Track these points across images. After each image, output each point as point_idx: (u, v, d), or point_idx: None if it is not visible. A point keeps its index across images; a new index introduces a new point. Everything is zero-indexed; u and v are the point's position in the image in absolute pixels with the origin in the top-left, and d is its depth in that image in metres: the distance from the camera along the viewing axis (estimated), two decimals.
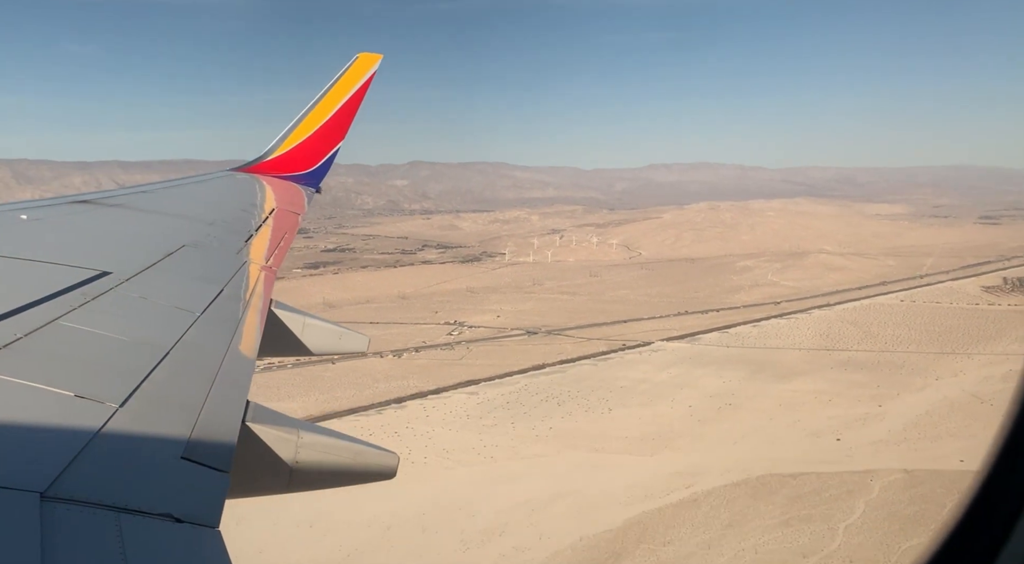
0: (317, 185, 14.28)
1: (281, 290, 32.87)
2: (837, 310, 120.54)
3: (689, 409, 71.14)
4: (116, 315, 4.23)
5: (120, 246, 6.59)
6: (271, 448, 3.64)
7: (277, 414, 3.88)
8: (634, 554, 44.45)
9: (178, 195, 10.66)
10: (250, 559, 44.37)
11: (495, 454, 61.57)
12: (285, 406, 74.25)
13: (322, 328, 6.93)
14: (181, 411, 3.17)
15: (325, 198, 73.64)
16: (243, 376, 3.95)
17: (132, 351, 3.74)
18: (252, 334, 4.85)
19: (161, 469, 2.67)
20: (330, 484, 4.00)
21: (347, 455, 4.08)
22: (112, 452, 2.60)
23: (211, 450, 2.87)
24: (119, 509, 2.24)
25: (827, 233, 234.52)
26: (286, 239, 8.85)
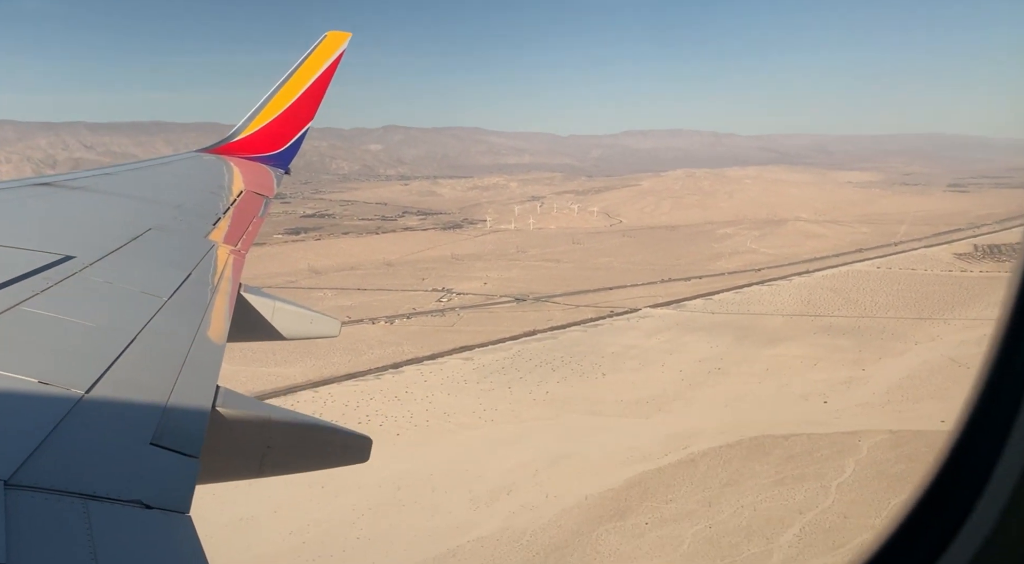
0: (286, 166, 14.11)
1: (265, 256, 34.86)
2: (816, 277, 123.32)
3: (680, 374, 73.11)
4: (81, 300, 4.16)
5: (84, 230, 6.45)
6: (242, 433, 3.63)
7: (248, 399, 3.86)
8: (638, 511, 46.33)
9: (143, 177, 10.43)
10: (267, 517, 45.53)
11: (495, 417, 63.02)
12: (282, 372, 75.03)
13: (293, 312, 6.89)
14: (149, 397, 3.14)
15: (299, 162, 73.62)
16: (212, 361, 3.90)
17: (98, 337, 3.68)
18: (221, 319, 4.80)
19: (129, 455, 2.64)
20: (302, 468, 4.01)
21: (319, 439, 4.10)
22: (78, 439, 2.57)
23: (180, 436, 2.85)
24: (87, 496, 2.22)
25: (803, 200, 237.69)
26: (255, 222, 8.76)
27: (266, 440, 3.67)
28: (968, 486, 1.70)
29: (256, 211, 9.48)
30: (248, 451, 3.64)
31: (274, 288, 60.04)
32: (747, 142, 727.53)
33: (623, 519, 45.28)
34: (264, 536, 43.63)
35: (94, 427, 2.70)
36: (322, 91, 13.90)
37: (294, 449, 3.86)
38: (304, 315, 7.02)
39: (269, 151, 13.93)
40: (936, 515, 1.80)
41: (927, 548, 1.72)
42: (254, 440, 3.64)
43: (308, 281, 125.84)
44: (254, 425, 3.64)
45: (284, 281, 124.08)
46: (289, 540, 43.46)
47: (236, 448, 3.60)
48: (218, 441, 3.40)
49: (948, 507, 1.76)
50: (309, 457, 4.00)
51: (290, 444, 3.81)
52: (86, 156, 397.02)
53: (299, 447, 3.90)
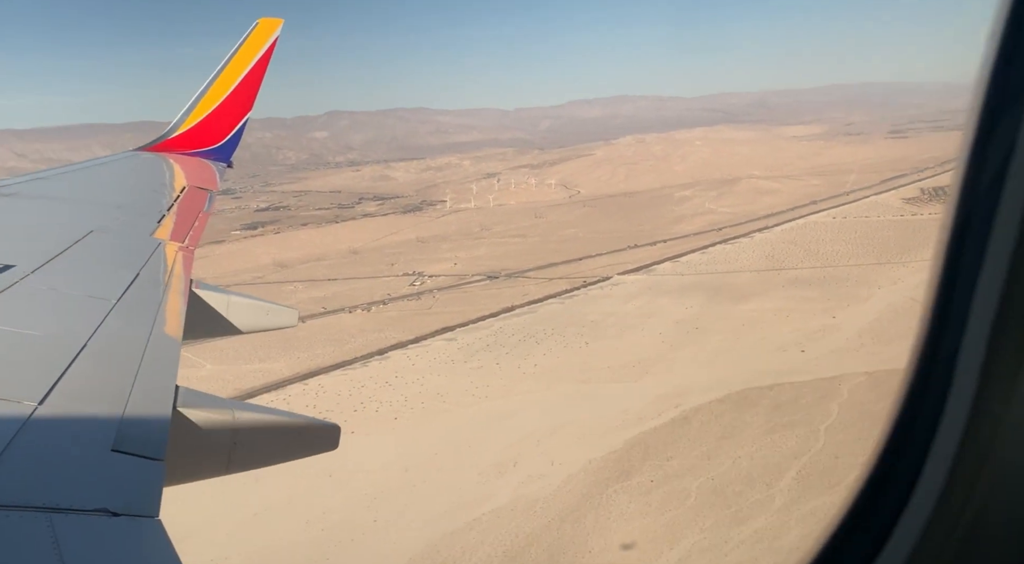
0: (228, 159, 13.90)
1: (226, 254, 35.86)
2: (776, 232, 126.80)
3: (660, 336, 75.15)
4: (24, 310, 4.03)
5: (21, 237, 6.21)
6: (206, 431, 3.57)
7: (209, 396, 3.81)
8: (641, 470, 48.15)
9: (80, 179, 10.10)
10: (281, 510, 46.08)
11: (488, 394, 64.16)
12: (268, 367, 74.86)
13: (248, 305, 6.79)
14: (106, 403, 3.05)
15: (245, 155, 74.43)
16: (170, 361, 3.82)
17: (46, 346, 3.58)
18: (175, 317, 4.69)
19: (91, 464, 2.58)
20: (271, 461, 4.01)
21: (285, 430, 4.08)
22: (35, 452, 2.51)
23: (143, 439, 2.80)
24: (49, 509, 2.17)
25: (753, 158, 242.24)
26: (201, 217, 8.64)
27: (232, 436, 3.63)
28: (902, 479, 1.76)
29: (201, 206, 9.37)
30: (214, 449, 3.60)
31: (241, 285, 60.97)
32: (692, 104, 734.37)
33: (628, 479, 47.04)
34: (282, 528, 44.22)
35: (51, 439, 2.63)
36: (258, 80, 13.73)
37: (261, 443, 3.82)
38: (260, 307, 6.98)
39: (209, 145, 13.71)
40: (873, 511, 1.85)
41: (866, 545, 1.80)
42: (220, 437, 3.60)
43: (275, 275, 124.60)
44: (218, 422, 3.60)
45: (251, 277, 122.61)
46: (308, 530, 44.11)
47: (202, 447, 3.56)
48: (182, 441, 3.36)
49: (884, 502, 1.81)
50: (277, 449, 3.97)
51: (257, 438, 3.77)
52: (20, 165, 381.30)
53: (266, 440, 3.85)
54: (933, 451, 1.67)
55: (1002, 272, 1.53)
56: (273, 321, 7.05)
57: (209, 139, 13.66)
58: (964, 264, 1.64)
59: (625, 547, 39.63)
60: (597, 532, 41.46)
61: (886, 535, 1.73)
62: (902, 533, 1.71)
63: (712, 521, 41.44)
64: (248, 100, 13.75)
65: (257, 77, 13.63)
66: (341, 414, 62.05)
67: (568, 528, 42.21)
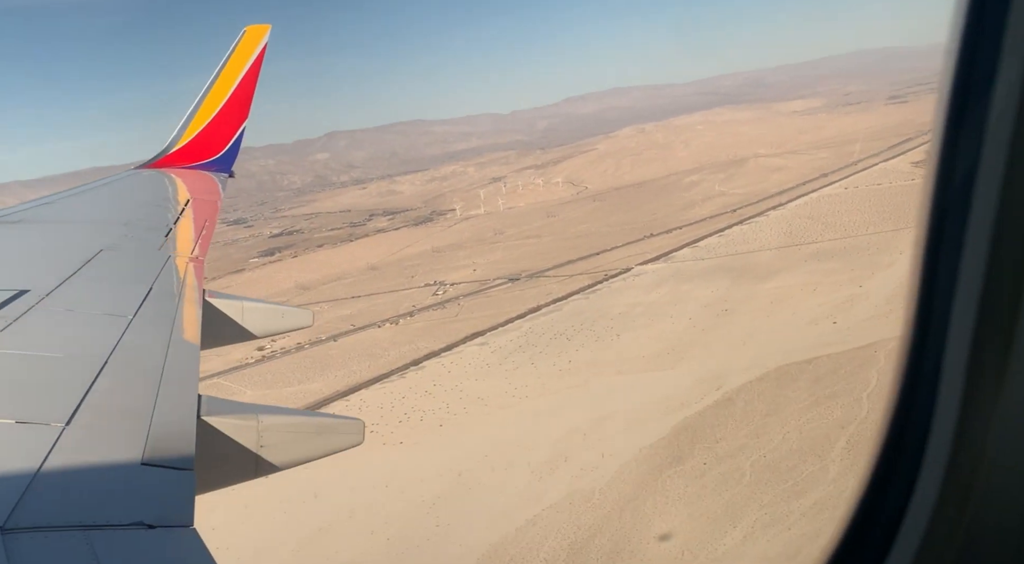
0: (229, 169, 13.94)
1: (248, 281, 37.23)
2: (790, 208, 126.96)
3: (690, 321, 75.68)
4: (44, 332, 4.09)
5: (33, 261, 6.34)
6: (232, 438, 3.62)
7: (232, 403, 3.88)
8: (692, 454, 48.76)
9: (84, 201, 10.22)
10: (344, 523, 47.09)
11: (528, 393, 64.94)
12: (308, 388, 76.01)
13: (262, 309, 6.84)
14: (132, 418, 3.10)
15: (251, 183, 76.02)
16: (190, 371, 3.88)
17: (69, 366, 3.62)
18: (191, 327, 4.76)
19: (123, 479, 2.63)
20: (298, 461, 4.03)
21: (310, 430, 4.16)
22: (68, 472, 2.55)
23: (171, 451, 2.85)
24: (87, 527, 2.20)
25: (756, 137, 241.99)
26: (207, 228, 8.65)
27: (258, 440, 3.70)
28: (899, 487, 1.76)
29: (206, 217, 9.40)
30: (242, 453, 3.66)
31: None
32: (686, 89, 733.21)
33: (681, 464, 47.67)
34: (349, 540, 45.17)
35: (82, 458, 2.67)
36: (251, 87, 13.71)
37: (287, 443, 3.88)
38: (275, 310, 7.07)
39: (209, 157, 13.76)
40: (873, 521, 1.85)
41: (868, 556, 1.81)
42: (245, 442, 3.66)
43: (299, 298, 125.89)
44: (243, 428, 3.67)
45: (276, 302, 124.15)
46: (373, 540, 45.03)
47: (229, 453, 3.62)
48: (210, 449, 3.41)
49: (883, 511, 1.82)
50: (303, 448, 4.01)
51: (282, 439, 3.83)
52: None
53: (291, 441, 3.91)
54: (927, 456, 1.69)
55: (980, 267, 1.53)
56: (288, 323, 7.07)
57: (208, 150, 13.74)
58: (942, 263, 1.65)
59: (688, 529, 40.27)
60: (658, 517, 42.12)
61: (887, 546, 1.76)
62: (903, 543, 1.73)
63: (770, 497, 42.00)
64: (243, 108, 13.79)
65: (250, 84, 13.66)
66: (387, 426, 63.08)
67: (628, 516, 42.90)
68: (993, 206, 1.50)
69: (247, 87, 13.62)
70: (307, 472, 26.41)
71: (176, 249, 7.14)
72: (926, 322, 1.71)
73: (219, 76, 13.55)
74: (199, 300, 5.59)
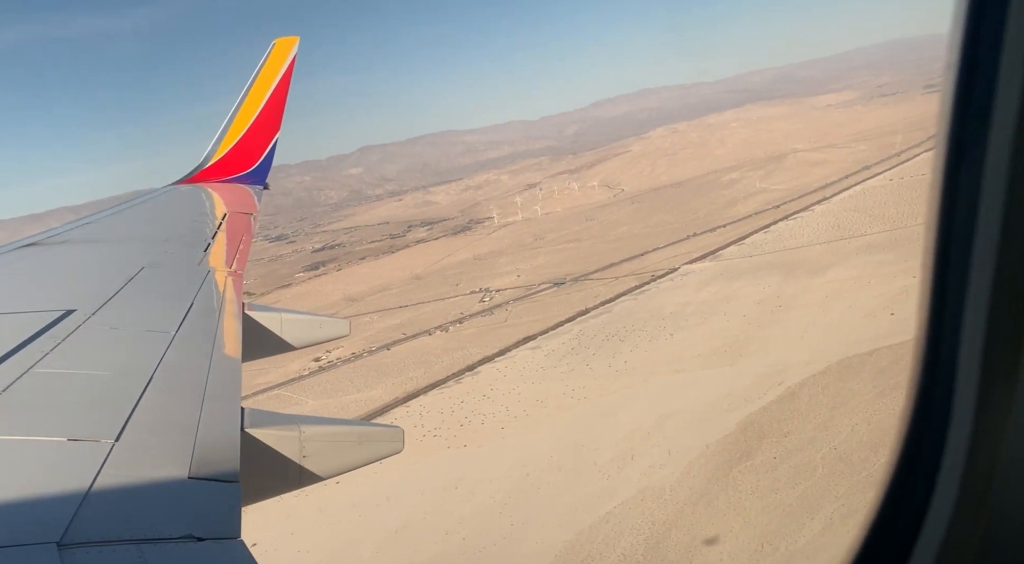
0: (263, 180, 14.04)
1: (297, 296, 38.79)
2: (835, 202, 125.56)
3: (744, 318, 75.46)
4: (91, 351, 4.18)
5: (78, 281, 6.48)
6: (275, 449, 3.70)
7: (274, 415, 3.93)
8: (761, 449, 48.80)
9: (124, 219, 10.38)
10: (418, 525, 48.14)
11: (586, 395, 65.44)
12: (367, 395, 77.50)
13: (300, 321, 6.93)
14: (179, 432, 3.16)
15: (288, 200, 77.96)
16: (233, 384, 3.93)
17: (115, 383, 3.70)
18: (232, 341, 4.83)
19: (172, 493, 2.70)
20: (341, 469, 4.10)
21: (352, 439, 4.21)
22: (119, 487, 2.62)
23: (217, 464, 2.92)
24: (139, 541, 2.27)
25: (792, 132, 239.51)
26: (245, 241, 8.75)
27: (300, 450, 3.77)
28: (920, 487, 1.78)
29: (243, 230, 9.53)
30: (285, 464, 3.74)
31: None
32: (715, 88, 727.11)
33: (750, 459, 47.75)
34: (425, 541, 46.16)
35: (131, 473, 2.75)
36: (283, 100, 13.80)
37: (329, 453, 3.94)
38: (312, 321, 7.18)
39: (243, 170, 13.87)
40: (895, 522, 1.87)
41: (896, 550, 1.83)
42: (288, 452, 3.74)
43: (348, 310, 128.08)
44: (285, 439, 3.75)
45: (326, 314, 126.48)
46: (449, 540, 45.94)
47: (273, 464, 3.71)
48: (254, 461, 3.50)
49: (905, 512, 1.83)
50: (345, 458, 4.08)
51: (324, 449, 3.90)
52: None
53: (334, 450, 3.98)
54: (945, 458, 1.70)
55: (990, 269, 1.54)
56: (326, 333, 7.16)
57: (242, 164, 13.85)
58: (952, 266, 1.66)
59: (764, 522, 40.39)
60: (732, 511, 42.30)
61: (909, 547, 1.77)
62: (924, 544, 1.75)
63: (845, 488, 41.90)
64: (275, 120, 13.90)
65: (281, 96, 13.76)
66: (449, 430, 64.14)
67: (702, 510, 43.16)
68: (1000, 207, 1.51)
69: (278, 99, 13.76)
70: (375, 476, 28.50)
71: (215, 263, 7.26)
72: (939, 326, 1.74)
73: (250, 89, 13.74)
74: (239, 313, 5.66)
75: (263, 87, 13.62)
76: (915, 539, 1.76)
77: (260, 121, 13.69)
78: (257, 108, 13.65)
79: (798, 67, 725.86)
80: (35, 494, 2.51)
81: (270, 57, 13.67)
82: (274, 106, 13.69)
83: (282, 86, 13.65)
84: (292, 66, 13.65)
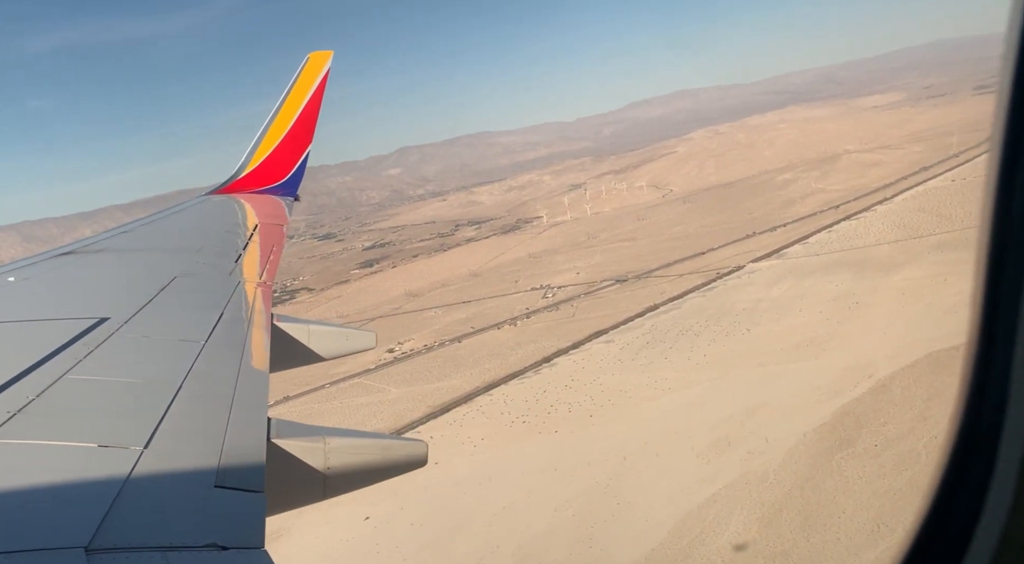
0: (294, 192, 14.20)
1: (357, 291, 43.05)
2: (898, 202, 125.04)
3: (821, 314, 76.26)
4: (122, 359, 4.25)
5: (112, 289, 6.62)
6: (301, 460, 3.73)
7: (300, 426, 3.95)
8: (860, 438, 49.89)
9: (158, 229, 10.58)
10: (524, 502, 50.20)
11: (670, 385, 66.93)
12: (448, 384, 79.87)
13: (328, 332, 7.02)
14: (206, 441, 3.21)
15: (331, 200, 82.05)
16: (260, 395, 3.98)
17: (145, 391, 3.78)
18: (261, 352, 4.91)
19: (198, 501, 2.75)
20: (365, 482, 4.13)
21: (376, 451, 4.23)
22: (146, 494, 2.67)
23: (242, 473, 2.96)
24: (164, 548, 2.32)
25: (842, 134, 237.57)
26: (275, 252, 8.82)
27: (325, 462, 3.80)
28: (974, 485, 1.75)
29: (274, 241, 9.63)
30: (310, 475, 3.79)
31: (386, 317, 68.26)
32: (754, 88, 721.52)
33: (851, 446, 48.89)
34: (534, 516, 48.12)
35: (159, 480, 2.80)
36: (315, 113, 13.99)
37: (354, 467, 3.98)
38: (340, 333, 7.27)
39: (275, 181, 14.05)
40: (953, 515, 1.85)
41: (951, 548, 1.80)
42: (314, 464, 3.78)
43: (411, 305, 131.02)
44: (311, 450, 3.79)
45: (390, 309, 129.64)
46: (557, 516, 47.85)
47: (298, 475, 3.75)
48: (279, 472, 3.54)
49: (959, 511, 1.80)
50: (370, 471, 4.12)
51: (349, 462, 3.93)
52: None
53: (358, 464, 4.02)
54: (1000, 456, 1.69)
55: None
56: (353, 345, 7.27)
57: (275, 175, 14.03)
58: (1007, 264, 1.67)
59: (877, 505, 41.58)
60: (843, 493, 43.57)
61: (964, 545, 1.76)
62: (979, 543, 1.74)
63: None
64: (308, 133, 14.06)
65: (314, 110, 13.93)
66: (537, 417, 66.14)
67: (810, 494, 44.47)
68: None
69: (311, 112, 13.91)
70: (472, 457, 32.33)
71: (245, 274, 7.38)
72: (992, 327, 1.74)
73: (284, 102, 13.93)
74: (268, 324, 5.76)
75: (297, 100, 13.86)
76: (969, 540, 1.75)
77: (293, 134, 13.92)
78: (290, 121, 13.90)
79: (839, 68, 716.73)
80: (65, 498, 2.57)
81: (304, 71, 13.93)
82: (307, 119, 13.92)
83: (315, 99, 13.86)
84: (325, 80, 13.94)
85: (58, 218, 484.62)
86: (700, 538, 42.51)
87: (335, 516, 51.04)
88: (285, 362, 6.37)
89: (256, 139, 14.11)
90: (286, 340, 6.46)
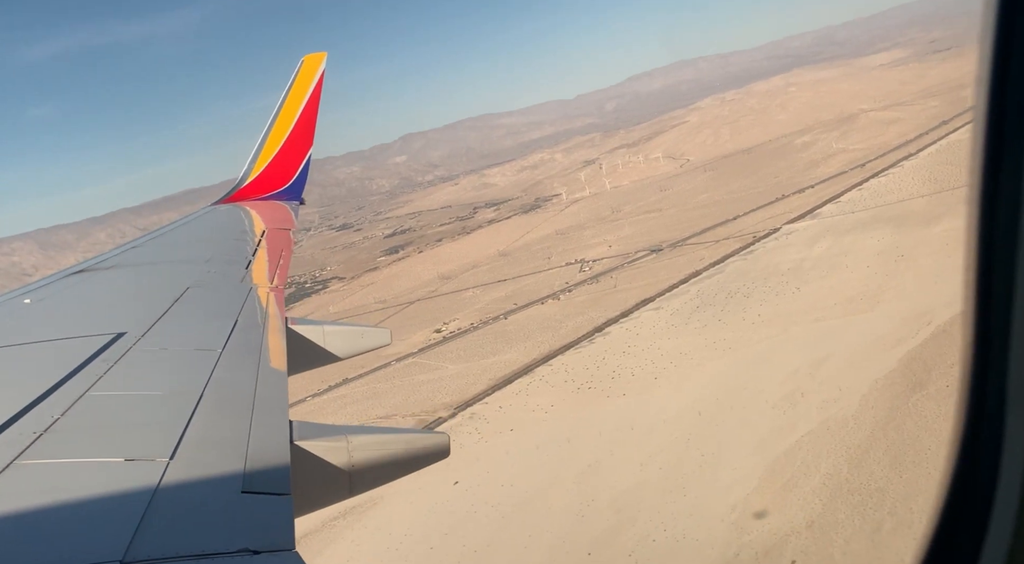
0: (299, 196, 14.41)
1: (389, 277, 46.91)
2: (923, 157, 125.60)
3: (868, 269, 77.60)
4: (142, 372, 4.33)
5: (127, 305, 6.76)
6: (325, 460, 3.79)
7: (322, 426, 3.99)
8: (932, 380, 51.47)
9: (167, 242, 10.81)
10: (609, 459, 52.19)
11: (730, 345, 68.58)
12: (505, 358, 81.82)
13: (343, 332, 7.09)
14: (230, 448, 3.29)
15: (341, 191, 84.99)
16: (279, 398, 4.03)
17: (167, 403, 3.83)
18: (278, 356, 4.97)
19: (226, 508, 2.81)
20: (390, 477, 4.18)
21: (399, 446, 4.28)
22: (176, 504, 2.73)
23: (268, 478, 3.04)
24: (198, 556, 2.37)
25: (854, 93, 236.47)
26: (284, 257, 8.98)
27: (349, 460, 3.85)
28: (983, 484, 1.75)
29: (282, 246, 9.82)
30: (335, 475, 3.83)
31: (424, 300, 71.14)
32: (755, 54, 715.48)
33: (924, 388, 50.54)
34: (622, 472, 50.00)
35: (187, 489, 2.88)
36: (314, 115, 14.09)
37: (378, 463, 4.02)
38: (354, 332, 7.37)
39: (280, 187, 14.25)
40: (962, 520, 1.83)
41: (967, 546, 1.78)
42: (337, 463, 3.81)
43: (446, 287, 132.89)
44: (334, 450, 3.83)
45: (426, 292, 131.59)
46: (644, 470, 49.76)
47: (322, 475, 3.79)
48: (304, 473, 3.58)
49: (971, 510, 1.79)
50: (393, 467, 4.16)
51: (372, 459, 3.97)
52: None
53: (382, 460, 4.05)
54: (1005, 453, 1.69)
55: None
56: (368, 343, 7.34)
57: (278, 181, 14.23)
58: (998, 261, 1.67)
59: None
60: (924, 433, 45.28)
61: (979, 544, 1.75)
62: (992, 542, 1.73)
63: None
64: (308, 136, 14.21)
65: (312, 112, 14.04)
66: (601, 382, 67.98)
67: (893, 434, 46.22)
68: None
69: (309, 115, 14.04)
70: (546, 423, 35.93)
71: (257, 280, 7.50)
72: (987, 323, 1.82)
73: (282, 107, 14.08)
74: (282, 328, 5.82)
75: (294, 104, 13.99)
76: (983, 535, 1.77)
77: (293, 138, 14.08)
78: (289, 126, 14.05)
79: (838, 29, 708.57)
80: (96, 514, 2.61)
81: (299, 74, 14.06)
82: (306, 122, 14.05)
83: (312, 102, 13.99)
84: (321, 81, 14.06)
85: (71, 224, 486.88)
86: (793, 481, 44.38)
87: (424, 482, 52.95)
88: (303, 364, 6.40)
89: (257, 146, 14.28)
90: (302, 342, 6.55)
